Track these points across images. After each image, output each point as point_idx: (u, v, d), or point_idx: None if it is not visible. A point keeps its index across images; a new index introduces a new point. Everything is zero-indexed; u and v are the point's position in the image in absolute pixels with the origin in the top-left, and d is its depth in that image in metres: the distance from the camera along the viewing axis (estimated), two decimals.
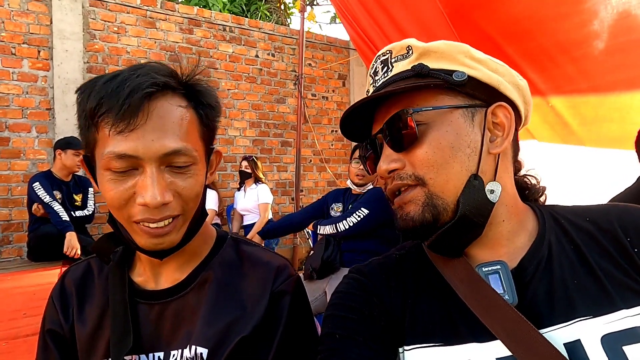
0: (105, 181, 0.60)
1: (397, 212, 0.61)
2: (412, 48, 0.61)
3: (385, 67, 0.63)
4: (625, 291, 0.52)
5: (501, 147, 0.59)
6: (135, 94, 0.56)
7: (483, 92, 0.59)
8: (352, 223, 2.29)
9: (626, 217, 0.58)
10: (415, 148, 0.57)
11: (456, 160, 0.56)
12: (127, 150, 0.57)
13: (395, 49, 0.63)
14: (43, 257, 3.16)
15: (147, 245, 0.61)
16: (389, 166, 0.59)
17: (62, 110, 3.93)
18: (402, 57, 0.61)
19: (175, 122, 0.61)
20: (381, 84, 0.62)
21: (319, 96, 5.58)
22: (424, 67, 0.58)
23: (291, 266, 0.74)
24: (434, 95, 0.59)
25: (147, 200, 0.57)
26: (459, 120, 0.57)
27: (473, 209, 0.55)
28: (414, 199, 0.57)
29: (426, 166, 0.56)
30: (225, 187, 4.82)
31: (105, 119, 0.57)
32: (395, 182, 0.59)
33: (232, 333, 0.65)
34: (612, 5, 1.45)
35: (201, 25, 4.71)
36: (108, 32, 4.19)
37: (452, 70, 0.58)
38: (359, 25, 2.57)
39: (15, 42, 3.78)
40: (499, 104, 0.60)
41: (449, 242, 0.58)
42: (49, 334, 0.72)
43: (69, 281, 0.74)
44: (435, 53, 0.60)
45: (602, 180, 1.64)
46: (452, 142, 0.56)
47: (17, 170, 3.80)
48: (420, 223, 0.56)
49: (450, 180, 0.56)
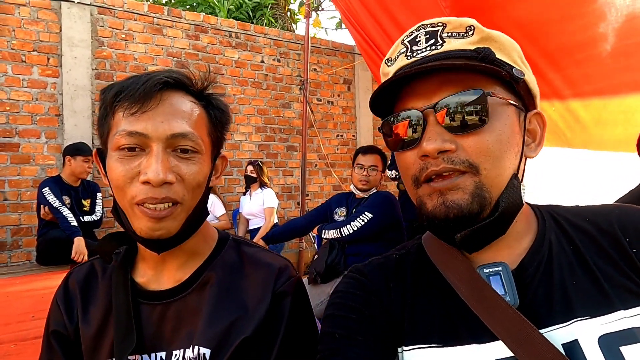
0: (113, 162, 0.62)
1: (432, 197, 0.55)
2: (474, 29, 0.57)
3: (433, 39, 0.58)
4: (623, 292, 0.52)
5: (535, 153, 0.60)
6: (152, 83, 0.61)
7: (527, 97, 0.59)
8: (356, 227, 2.29)
9: (626, 218, 0.58)
10: (476, 133, 0.53)
11: (508, 156, 0.55)
12: (137, 128, 0.61)
13: (451, 23, 0.58)
14: (51, 262, 3.20)
15: (145, 231, 0.62)
16: (443, 146, 0.53)
17: (71, 116, 3.99)
18: (458, 35, 0.57)
19: (186, 111, 0.65)
20: (429, 56, 0.57)
21: (325, 101, 5.60)
22: (491, 52, 0.55)
23: (292, 267, 0.74)
24: (493, 84, 0.56)
25: (150, 177, 0.59)
26: (513, 117, 0.56)
27: (510, 208, 0.55)
28: (463, 186, 0.53)
29: (484, 155, 0.53)
30: (231, 192, 4.85)
31: (121, 104, 0.62)
32: (444, 165, 0.53)
33: (234, 333, 0.66)
34: (616, 7, 1.45)
35: (207, 32, 4.76)
36: (116, 39, 4.26)
37: (511, 65, 0.57)
38: (363, 29, 2.59)
39: (25, 50, 3.85)
40: (537, 112, 0.61)
41: (480, 238, 0.56)
42: (54, 335, 0.73)
43: (72, 282, 0.75)
44: (496, 43, 0.57)
45: (606, 183, 1.63)
46: (508, 136, 0.55)
47: (26, 176, 3.86)
48: (468, 212, 0.53)
49: (500, 175, 0.54)
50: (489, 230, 0.56)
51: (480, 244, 0.58)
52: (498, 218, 0.54)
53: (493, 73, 0.54)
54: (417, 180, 0.57)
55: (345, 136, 5.76)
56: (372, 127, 5.93)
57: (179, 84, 0.66)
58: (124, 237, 0.74)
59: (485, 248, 0.59)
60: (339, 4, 2.83)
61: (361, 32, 2.64)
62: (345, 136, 5.76)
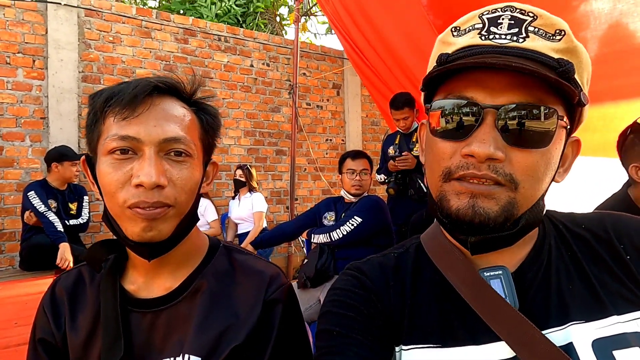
0: (105, 166, 0.62)
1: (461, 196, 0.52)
2: (564, 34, 0.51)
3: (517, 29, 0.52)
4: (617, 298, 0.53)
5: (562, 178, 0.58)
6: (142, 87, 0.61)
7: (577, 122, 0.56)
8: (346, 232, 2.30)
9: (621, 226, 0.59)
10: (531, 150, 0.50)
11: (546, 179, 0.53)
12: (129, 133, 0.60)
13: (543, 18, 0.52)
14: (35, 267, 3.14)
15: (137, 233, 0.61)
16: (495, 153, 0.49)
17: (57, 119, 3.93)
18: (545, 34, 0.51)
19: (177, 116, 0.65)
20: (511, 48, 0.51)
21: (314, 105, 5.62)
22: (572, 69, 0.50)
23: (283, 274, 0.74)
24: (557, 102, 0.51)
25: (143, 179, 0.59)
26: (562, 142, 0.53)
27: (528, 225, 0.55)
28: (497, 196, 0.51)
29: (529, 174, 0.51)
30: (220, 196, 4.82)
31: (112, 109, 0.61)
32: (486, 172, 0.50)
33: (225, 341, 0.65)
34: (594, 16, 1.49)
35: (196, 35, 4.75)
36: (103, 42, 4.21)
37: (581, 88, 0.53)
38: (349, 35, 2.62)
39: (10, 52, 3.79)
40: (577, 139, 0.58)
41: (492, 245, 0.56)
42: (40, 343, 0.71)
43: (60, 289, 0.74)
44: (577, 58, 0.52)
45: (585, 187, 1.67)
46: (554, 160, 0.53)
47: (10, 179, 3.78)
48: (494, 223, 0.51)
49: (534, 195, 0.53)
50: (502, 240, 0.56)
51: (487, 249, 0.57)
52: (515, 233, 0.54)
53: (566, 93, 0.50)
54: (449, 174, 0.53)
55: (334, 140, 5.78)
56: (361, 132, 5.97)
57: (170, 89, 0.66)
58: (114, 244, 0.73)
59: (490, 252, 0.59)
60: (326, 9, 2.86)
61: (347, 38, 2.67)
62: (334, 141, 5.78)
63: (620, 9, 1.45)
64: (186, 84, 0.69)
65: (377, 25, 2.38)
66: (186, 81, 0.69)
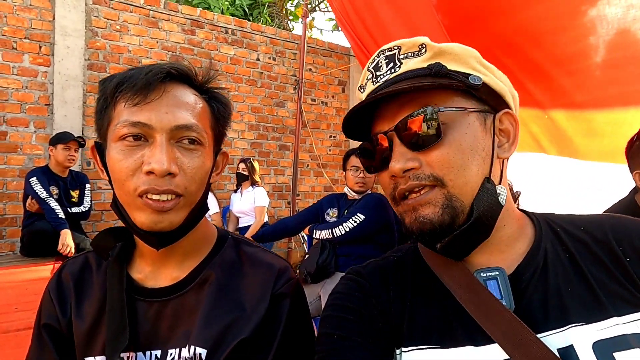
0: (115, 153, 0.61)
1: (408, 214, 0.58)
2: (425, 46, 0.60)
3: (392, 63, 0.61)
4: (617, 300, 0.53)
5: (509, 153, 0.61)
6: (155, 73, 0.61)
7: (491, 99, 0.60)
8: (349, 228, 2.30)
9: (619, 228, 0.60)
10: (435, 148, 0.56)
11: (474, 162, 0.56)
12: (141, 119, 0.60)
13: (405, 45, 0.61)
14: (36, 253, 3.14)
15: (146, 224, 0.61)
16: (406, 165, 0.57)
17: (61, 106, 3.92)
18: (413, 55, 0.60)
19: (189, 103, 0.64)
20: (390, 79, 0.60)
21: (319, 101, 5.61)
22: (442, 67, 0.57)
23: (292, 269, 0.74)
24: (450, 96, 0.58)
25: (154, 166, 0.58)
26: (475, 123, 0.58)
27: (486, 211, 0.56)
28: (433, 200, 0.56)
29: (446, 167, 0.55)
30: (222, 189, 4.82)
31: (123, 95, 0.60)
32: (410, 182, 0.57)
33: (231, 334, 0.65)
34: (607, 20, 1.48)
35: (203, 27, 4.73)
36: (110, 30, 4.21)
37: (467, 74, 0.58)
38: (355, 32, 2.60)
39: (16, 37, 3.78)
40: (507, 111, 0.61)
41: (461, 244, 0.58)
42: (45, 328, 0.71)
43: (66, 275, 0.73)
44: (449, 55, 0.59)
45: (592, 193, 1.66)
46: (471, 144, 0.57)
47: (13, 165, 3.79)
48: (439, 225, 0.55)
49: (468, 182, 0.56)
50: (469, 236, 0.57)
51: (464, 250, 0.59)
52: (474, 223, 0.56)
53: (445, 86, 0.56)
54: (395, 198, 0.60)
55: (338, 137, 5.77)
56: None
57: (182, 76, 0.65)
58: (121, 232, 0.72)
59: (477, 253, 0.60)
60: (334, 6, 2.84)
61: (353, 35, 2.66)
62: (338, 137, 5.78)
63: (634, 15, 1.44)
64: (198, 72, 0.68)
65: (384, 23, 2.37)
66: (199, 70, 0.68)
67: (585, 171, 1.67)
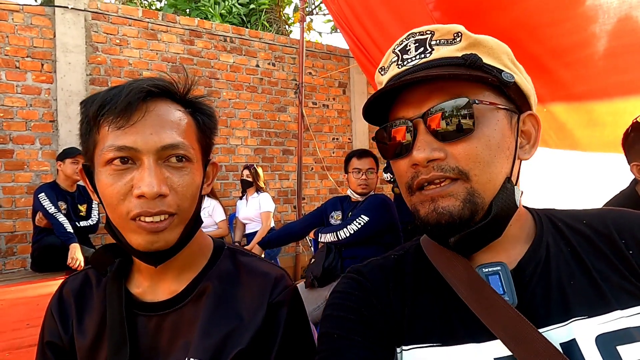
0: (104, 178, 0.60)
1: (425, 204, 0.57)
2: (461, 35, 0.58)
3: (422, 47, 0.59)
4: (620, 293, 0.53)
5: (529, 155, 0.61)
6: (135, 93, 0.60)
7: (519, 98, 0.59)
8: (353, 230, 2.29)
9: (621, 221, 0.59)
10: (464, 141, 0.54)
11: (499, 160, 0.55)
12: (126, 143, 0.59)
13: (439, 31, 0.59)
14: (47, 268, 3.18)
15: (142, 245, 0.61)
16: (431, 155, 0.54)
17: (66, 122, 3.97)
18: (446, 42, 0.58)
19: (174, 121, 0.63)
20: (419, 64, 0.58)
21: (320, 104, 5.62)
22: (478, 58, 0.56)
23: (288, 276, 0.74)
24: (482, 90, 0.56)
25: (144, 190, 0.58)
26: (503, 121, 0.57)
27: (503, 211, 0.56)
28: (454, 193, 0.54)
29: (473, 161, 0.54)
30: (228, 196, 4.84)
31: (106, 118, 0.60)
32: (433, 173, 0.55)
33: (230, 344, 0.65)
34: (603, 10, 1.47)
35: (202, 36, 4.77)
36: (110, 45, 4.25)
37: (499, 69, 0.57)
38: (354, 33, 2.61)
39: (19, 56, 3.84)
40: (531, 113, 0.61)
41: (473, 241, 0.57)
42: (49, 345, 0.72)
43: (67, 292, 0.74)
44: (484, 47, 0.58)
45: (595, 184, 1.64)
46: (498, 141, 0.55)
47: (20, 182, 3.84)
48: (459, 218, 0.54)
49: (492, 180, 0.55)
50: (483, 234, 0.56)
51: (475, 246, 0.59)
52: (491, 222, 0.55)
53: (481, 79, 0.55)
54: (411, 188, 0.58)
55: (340, 139, 5.77)
56: (368, 130, 5.95)
57: (163, 92, 0.64)
58: (119, 248, 0.73)
59: (482, 251, 0.59)
60: (331, 8, 2.85)
61: (352, 36, 2.66)
62: (341, 139, 5.78)
63: (630, 3, 1.43)
64: (179, 84, 0.67)
65: (382, 23, 2.37)
66: (179, 81, 0.67)
67: (587, 162, 1.65)
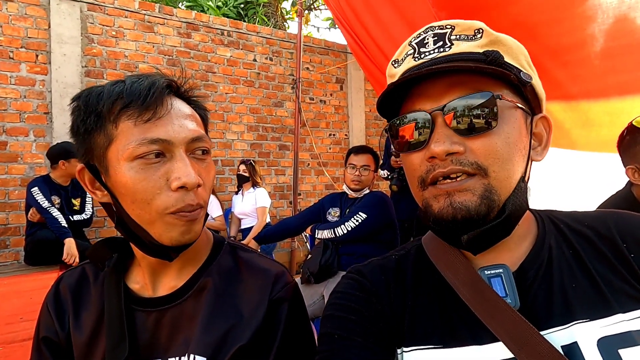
0: (132, 173, 0.58)
1: (439, 199, 0.55)
2: (482, 31, 0.57)
3: (442, 41, 0.58)
4: (621, 296, 0.52)
5: (541, 156, 0.61)
6: (156, 88, 0.60)
7: (533, 100, 0.60)
8: (351, 227, 2.29)
9: (623, 224, 0.59)
10: (485, 136, 0.54)
11: (517, 159, 0.55)
12: (159, 135, 0.59)
13: (460, 26, 0.58)
14: (40, 262, 3.16)
15: (174, 238, 0.61)
16: (451, 148, 0.53)
17: (60, 114, 3.93)
18: (467, 38, 0.57)
19: (191, 115, 0.65)
20: (439, 58, 0.57)
21: (317, 100, 5.60)
22: (500, 55, 0.55)
23: (288, 273, 0.74)
24: (501, 87, 0.56)
25: (185, 180, 0.58)
26: (521, 120, 0.57)
27: (516, 211, 0.56)
28: (472, 188, 0.53)
29: (493, 157, 0.53)
30: (223, 191, 4.83)
31: (127, 112, 0.59)
32: (452, 167, 0.54)
33: (230, 341, 0.65)
34: (602, 10, 1.47)
35: (199, 30, 4.73)
36: (106, 37, 4.21)
37: (518, 69, 0.57)
38: (352, 30, 2.60)
39: (13, 47, 3.79)
40: (544, 116, 0.61)
41: (485, 239, 0.57)
42: (44, 341, 0.71)
43: (64, 287, 0.73)
44: (504, 46, 0.58)
45: (592, 183, 1.65)
46: (516, 139, 0.55)
47: (14, 174, 3.80)
48: (476, 214, 0.53)
49: (509, 177, 0.54)
50: (495, 232, 0.56)
51: (485, 245, 0.58)
52: (504, 220, 0.54)
53: (501, 76, 0.54)
54: (424, 182, 0.57)
55: (337, 135, 5.77)
56: (364, 127, 5.95)
57: (176, 88, 0.66)
58: (117, 243, 0.72)
59: (488, 250, 0.59)
60: (330, 3, 2.83)
61: (350, 32, 2.65)
62: (338, 135, 5.77)
63: (629, 3, 1.43)
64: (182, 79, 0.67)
65: (381, 19, 2.36)
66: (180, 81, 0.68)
67: (584, 162, 1.66)
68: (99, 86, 0.62)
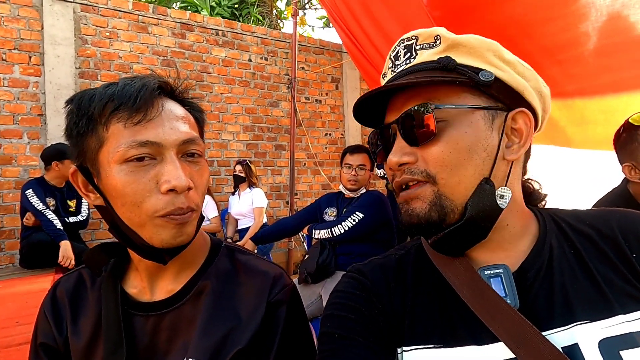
0: (122, 176, 0.58)
1: (402, 205, 0.59)
2: (440, 38, 0.58)
3: (409, 53, 0.60)
4: (623, 297, 0.52)
5: (517, 155, 0.58)
6: (146, 89, 0.59)
7: (507, 96, 0.58)
8: (348, 227, 2.29)
9: (626, 223, 0.59)
10: (431, 145, 0.56)
11: (471, 163, 0.55)
12: (149, 137, 0.58)
13: (422, 35, 0.60)
14: (35, 265, 3.13)
15: (166, 240, 0.60)
16: (401, 159, 0.57)
17: (54, 116, 3.90)
18: (428, 46, 0.59)
19: (184, 117, 0.64)
20: (402, 70, 0.60)
21: (313, 99, 5.60)
22: (451, 60, 0.56)
23: (286, 275, 0.73)
24: (457, 92, 0.57)
25: (175, 183, 0.57)
26: (479, 122, 0.56)
27: (481, 212, 0.55)
28: (422, 195, 0.56)
29: (440, 165, 0.55)
30: (220, 192, 4.81)
31: (118, 114, 0.58)
32: (404, 176, 0.57)
33: (228, 345, 0.64)
34: (596, 8, 1.48)
35: (194, 30, 4.71)
36: (100, 37, 4.18)
37: (479, 69, 0.56)
38: (348, 29, 2.60)
39: (5, 48, 3.75)
40: (521, 110, 0.59)
41: (452, 242, 0.58)
42: (42, 347, 0.70)
43: (61, 292, 0.73)
44: (464, 47, 0.58)
45: (588, 181, 1.66)
46: (469, 144, 0.55)
47: (8, 177, 3.77)
48: (425, 221, 0.56)
49: (461, 182, 0.55)
50: (461, 235, 0.56)
51: (457, 248, 0.59)
52: (466, 223, 0.55)
53: (452, 82, 0.55)
54: (394, 189, 0.61)
55: (333, 135, 5.77)
56: (360, 126, 5.95)
57: (169, 89, 0.65)
58: (113, 248, 0.71)
59: (479, 250, 0.59)
60: (326, 3, 2.83)
61: (346, 31, 2.65)
62: (334, 135, 5.77)
63: (622, 1, 1.43)
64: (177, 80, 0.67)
65: (376, 18, 2.36)
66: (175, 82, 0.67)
67: (580, 160, 1.67)
68: (92, 89, 0.62)
